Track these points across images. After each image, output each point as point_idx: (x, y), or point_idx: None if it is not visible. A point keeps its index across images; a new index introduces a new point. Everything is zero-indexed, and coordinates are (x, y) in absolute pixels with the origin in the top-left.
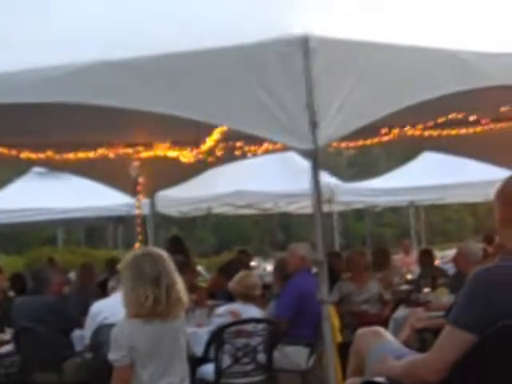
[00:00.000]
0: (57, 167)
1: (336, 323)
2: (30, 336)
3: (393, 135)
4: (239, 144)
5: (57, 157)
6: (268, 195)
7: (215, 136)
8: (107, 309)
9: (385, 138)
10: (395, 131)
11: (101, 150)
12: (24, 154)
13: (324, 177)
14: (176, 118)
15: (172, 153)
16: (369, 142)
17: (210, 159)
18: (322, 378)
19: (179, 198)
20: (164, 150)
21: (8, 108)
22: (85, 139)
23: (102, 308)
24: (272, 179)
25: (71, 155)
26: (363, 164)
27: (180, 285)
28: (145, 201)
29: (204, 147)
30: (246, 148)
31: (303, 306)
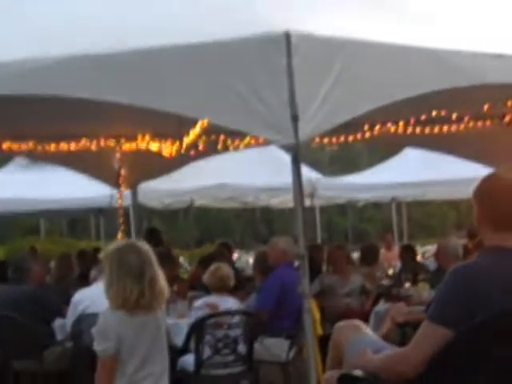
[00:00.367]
0: (39, 158)
1: (317, 316)
2: (10, 324)
3: (375, 131)
4: (222, 137)
5: (38, 148)
6: (250, 189)
7: (197, 129)
8: (89, 298)
9: (367, 135)
10: (377, 127)
11: (83, 142)
12: (5, 145)
13: (306, 171)
14: (157, 111)
15: (154, 145)
16: (351, 138)
17: (193, 152)
18: (303, 370)
19: (161, 190)
20: (146, 143)
21: None
22: (67, 130)
23: (84, 297)
24: (254, 173)
25: (53, 146)
26: (345, 159)
27: (162, 277)
28: (127, 192)
29: (187, 140)
30: (229, 142)
31: (284, 299)
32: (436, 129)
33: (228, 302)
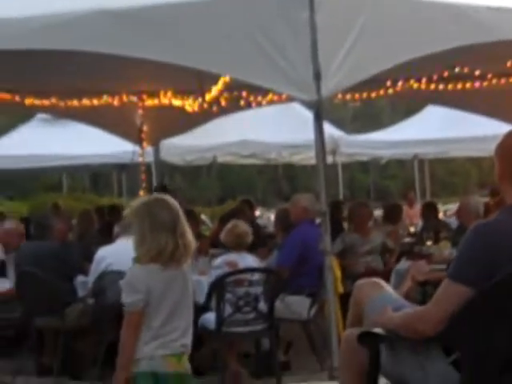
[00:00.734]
0: (61, 114)
1: (338, 274)
2: (32, 281)
3: (398, 88)
4: (244, 94)
5: (61, 103)
6: (272, 145)
7: (219, 85)
8: (112, 255)
9: (390, 91)
10: (400, 84)
11: (105, 98)
12: (28, 101)
13: (328, 128)
14: (178, 67)
15: (177, 101)
16: (374, 94)
17: (215, 109)
18: (324, 328)
19: (184, 146)
20: (168, 99)
21: (9, 54)
22: (89, 86)
23: (107, 254)
24: (277, 129)
25: (75, 102)
26: (368, 117)
27: (190, 232)
28: (149, 149)
29: (208, 96)
30: (251, 98)
31: (306, 256)
32: (459, 85)
33: (247, 260)
